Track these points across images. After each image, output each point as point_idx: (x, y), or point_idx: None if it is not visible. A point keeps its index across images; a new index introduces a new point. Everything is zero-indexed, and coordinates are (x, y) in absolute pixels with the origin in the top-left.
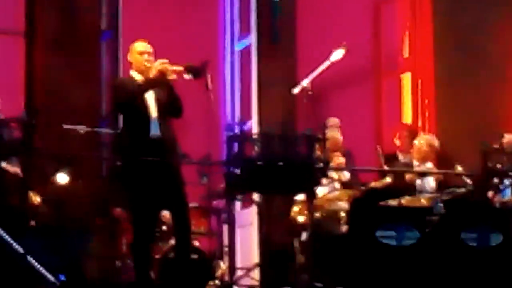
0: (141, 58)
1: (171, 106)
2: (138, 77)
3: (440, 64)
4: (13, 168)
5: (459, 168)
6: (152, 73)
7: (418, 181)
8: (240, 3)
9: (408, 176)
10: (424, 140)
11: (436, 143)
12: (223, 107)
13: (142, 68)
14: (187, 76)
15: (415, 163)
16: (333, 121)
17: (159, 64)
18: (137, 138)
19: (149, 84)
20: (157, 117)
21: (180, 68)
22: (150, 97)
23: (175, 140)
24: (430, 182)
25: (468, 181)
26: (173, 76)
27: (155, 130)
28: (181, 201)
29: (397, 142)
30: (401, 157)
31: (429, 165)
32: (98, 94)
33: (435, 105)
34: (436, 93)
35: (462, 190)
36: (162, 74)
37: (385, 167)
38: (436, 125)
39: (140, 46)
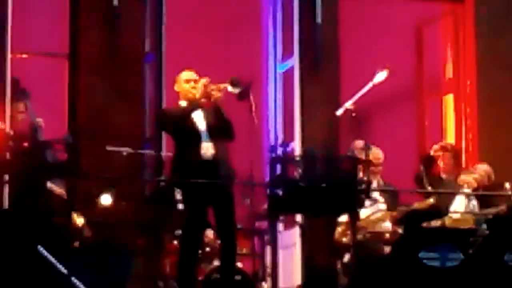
0: (187, 86)
1: (221, 128)
2: (185, 104)
3: (483, 86)
4: (59, 189)
5: (507, 185)
6: (197, 95)
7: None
8: (283, 25)
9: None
10: (484, 173)
11: (493, 176)
12: (266, 129)
13: (189, 96)
14: (231, 89)
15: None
16: (358, 143)
17: (202, 85)
18: (189, 159)
19: (194, 104)
20: (207, 136)
21: (224, 85)
22: (199, 118)
23: (227, 161)
24: (474, 203)
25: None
26: (218, 94)
27: (206, 150)
28: (229, 222)
29: (441, 163)
30: (445, 177)
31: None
32: (142, 116)
33: (477, 127)
34: (479, 114)
35: (503, 208)
36: (206, 94)
37: (429, 188)
38: (478, 147)
39: (186, 75)
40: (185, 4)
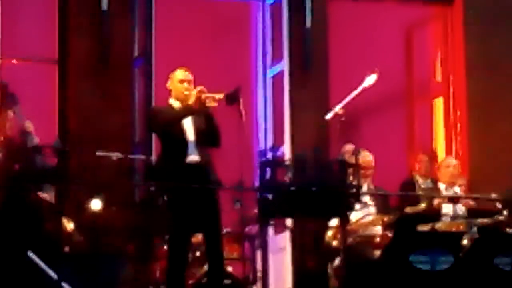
0: (181, 86)
1: (209, 135)
2: (176, 104)
3: (473, 89)
4: (46, 195)
5: (493, 195)
6: (191, 101)
7: (448, 206)
8: (272, 30)
9: (436, 202)
10: (455, 164)
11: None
12: (255, 133)
13: (182, 96)
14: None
15: (441, 186)
16: (348, 147)
17: (197, 92)
18: (174, 163)
19: (187, 110)
20: (194, 142)
21: (220, 96)
22: (188, 123)
23: (212, 166)
24: (461, 208)
25: (500, 206)
26: (212, 104)
27: (192, 155)
28: (215, 227)
29: (417, 166)
30: (421, 181)
31: (457, 189)
32: (131, 121)
33: (467, 130)
34: (469, 118)
35: (497, 216)
36: (200, 101)
37: (421, 193)
38: (468, 150)
39: (181, 74)
40: (175, 8)
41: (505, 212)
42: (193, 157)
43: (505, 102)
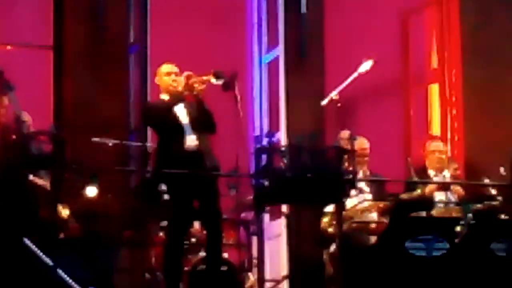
0: (168, 79)
1: (204, 121)
2: (167, 98)
3: (468, 75)
4: (41, 181)
5: (486, 180)
6: (180, 87)
7: (440, 194)
8: (267, 16)
9: (429, 189)
10: (442, 149)
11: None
12: (251, 119)
13: (170, 88)
14: (215, 81)
15: (431, 173)
16: (344, 134)
17: (184, 78)
18: (173, 152)
19: (177, 98)
20: (190, 125)
21: (207, 77)
22: (181, 111)
23: (211, 152)
24: (453, 194)
25: (495, 192)
26: (201, 87)
27: (190, 142)
28: (214, 213)
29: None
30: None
31: (447, 174)
32: (127, 107)
33: (463, 116)
34: (464, 104)
35: (492, 202)
36: (189, 87)
37: (416, 179)
38: (464, 136)
39: (166, 67)
40: None
41: (499, 198)
42: (191, 139)
43: (501, 89)
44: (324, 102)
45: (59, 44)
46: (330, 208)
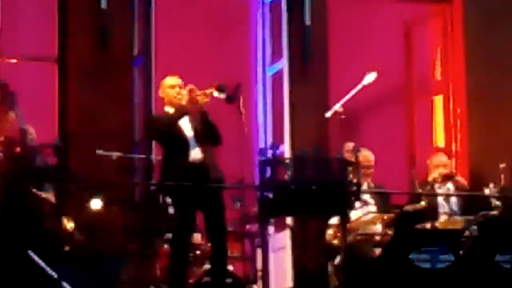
0: (172, 92)
1: (208, 134)
2: (171, 110)
3: (472, 86)
4: (46, 194)
5: (486, 191)
6: (184, 101)
7: (443, 204)
8: (271, 28)
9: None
10: (446, 163)
11: None
12: (255, 131)
13: (174, 101)
14: (217, 94)
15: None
16: (348, 146)
17: (187, 92)
18: (177, 165)
19: (181, 111)
20: (194, 139)
21: (210, 90)
22: (185, 124)
23: (216, 165)
24: (456, 205)
25: (498, 202)
26: (204, 100)
27: (194, 155)
28: (220, 226)
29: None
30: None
31: (450, 186)
32: (131, 120)
33: (467, 127)
34: (468, 115)
35: (495, 212)
36: (192, 101)
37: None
38: (468, 147)
39: (170, 80)
40: (174, 7)
41: (502, 209)
42: (195, 153)
43: (505, 100)
44: (328, 114)
45: (63, 57)
46: (334, 220)
